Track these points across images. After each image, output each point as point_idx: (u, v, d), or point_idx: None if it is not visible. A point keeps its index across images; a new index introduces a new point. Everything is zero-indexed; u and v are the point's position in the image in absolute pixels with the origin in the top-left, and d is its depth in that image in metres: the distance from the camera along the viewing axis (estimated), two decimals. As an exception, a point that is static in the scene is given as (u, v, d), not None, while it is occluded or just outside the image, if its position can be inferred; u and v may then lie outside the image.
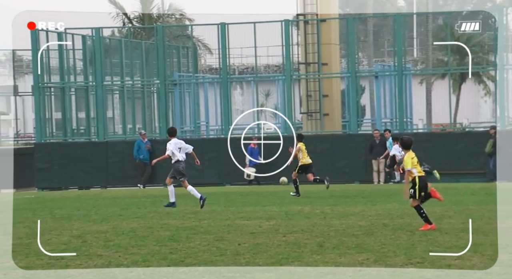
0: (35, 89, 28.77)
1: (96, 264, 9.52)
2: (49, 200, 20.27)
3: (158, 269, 9.18)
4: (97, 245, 11.02)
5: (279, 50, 28.58)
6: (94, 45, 28.77)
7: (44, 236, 12.10)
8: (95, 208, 16.81)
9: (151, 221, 13.83)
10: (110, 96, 32.02)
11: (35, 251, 10.59)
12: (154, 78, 30.89)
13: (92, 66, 29.00)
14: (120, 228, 12.91)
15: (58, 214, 15.69)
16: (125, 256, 10.01)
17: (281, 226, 12.71)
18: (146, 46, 32.21)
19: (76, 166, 27.09)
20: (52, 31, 28.52)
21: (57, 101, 30.42)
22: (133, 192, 22.95)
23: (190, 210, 15.70)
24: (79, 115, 31.71)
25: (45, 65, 29.01)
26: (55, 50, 29.01)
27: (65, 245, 11.13)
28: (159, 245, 10.93)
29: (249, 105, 36.88)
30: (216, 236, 11.71)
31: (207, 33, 32.13)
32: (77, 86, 30.31)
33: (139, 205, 17.46)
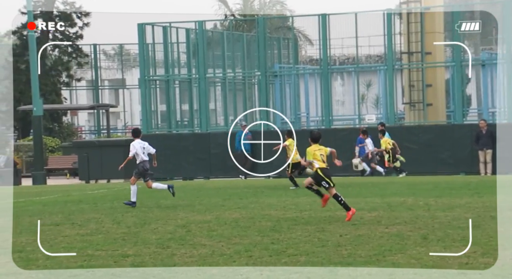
0: (142, 82, 29.61)
1: (200, 254, 9.71)
2: (155, 190, 20.81)
3: (261, 259, 9.26)
4: (201, 235, 11.23)
5: (380, 40, 28.18)
6: (197, 38, 29.29)
7: (151, 225, 12.46)
8: (198, 199, 17.14)
9: (253, 212, 13.97)
10: (212, 88, 32.55)
11: (142, 240, 10.92)
12: (255, 70, 31.13)
13: (195, 59, 29.54)
14: (222, 218, 13.11)
15: (163, 204, 16.10)
16: (228, 246, 10.16)
17: (383, 218, 12.56)
18: (247, 38, 32.49)
19: (180, 157, 27.71)
20: (158, 25, 29.26)
21: (162, 93, 31.21)
22: (234, 183, 23.25)
23: (291, 201, 15.75)
24: (183, 107, 32.42)
25: (151, 58, 29.80)
26: (160, 44, 29.75)
27: (171, 234, 11.41)
28: (261, 235, 11.02)
29: (349, 96, 36.55)
30: (317, 227, 11.70)
31: (307, 24, 32.06)
32: (180, 78, 30.97)
33: (241, 195, 17.66)
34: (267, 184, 22.50)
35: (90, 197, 18.83)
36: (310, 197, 16.35)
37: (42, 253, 9.97)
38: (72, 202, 17.20)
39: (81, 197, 18.70)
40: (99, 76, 43.43)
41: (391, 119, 26.89)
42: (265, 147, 24.99)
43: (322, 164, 12.47)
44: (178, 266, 8.98)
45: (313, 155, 12.50)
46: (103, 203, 16.68)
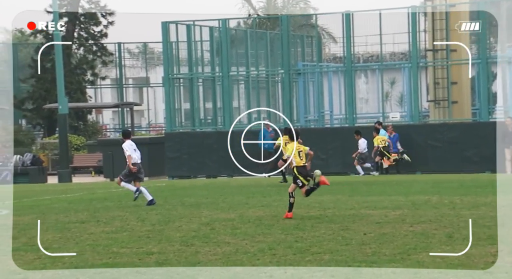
0: (165, 81, 29.73)
1: (224, 251, 9.73)
2: (179, 188, 20.92)
3: (284, 257, 9.26)
4: (225, 233, 11.26)
5: (405, 37, 28.01)
6: (221, 36, 29.33)
7: (175, 223, 12.51)
8: (222, 196, 17.17)
9: (276, 210, 13.97)
10: (235, 86, 32.58)
11: (167, 237, 10.98)
12: (279, 68, 31.11)
13: (219, 57, 29.59)
14: (246, 216, 13.13)
15: (187, 201, 16.16)
16: (252, 244, 10.18)
17: (407, 216, 12.49)
18: (271, 36, 32.47)
19: (203, 155, 27.79)
20: (182, 23, 29.35)
21: (186, 91, 31.30)
22: (258, 181, 23.26)
23: (315, 199, 15.72)
24: (206, 105, 32.48)
25: (175, 57, 29.90)
26: (184, 42, 29.84)
27: (195, 232, 11.45)
28: (284, 233, 11.02)
29: (373, 94, 36.39)
30: (341, 225, 11.67)
31: (331, 21, 31.96)
32: (204, 77, 31.04)
33: (264, 193, 17.67)
34: (291, 182, 22.44)
35: (115, 195, 18.95)
36: (333, 195, 16.31)
37: (67, 250, 10.06)
38: (97, 200, 17.33)
39: (106, 195, 18.83)
40: (124, 74, 43.66)
41: (415, 116, 26.73)
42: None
43: (300, 162, 12.68)
44: (202, 264, 9.01)
45: (290, 152, 12.72)
46: (127, 201, 16.76)
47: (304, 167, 12.72)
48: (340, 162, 26.51)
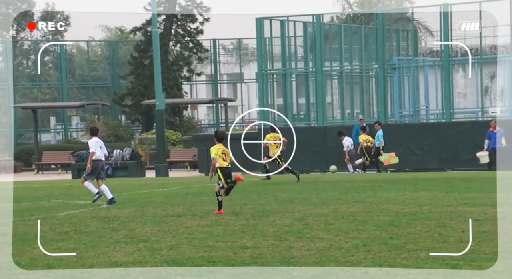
0: (259, 76, 29.94)
1: (318, 247, 9.72)
2: (272, 183, 21.02)
3: (379, 254, 9.16)
4: (318, 228, 11.24)
5: (506, 30, 27.09)
6: (315, 31, 29.26)
7: (269, 218, 12.59)
8: (315, 192, 17.14)
9: (371, 206, 13.83)
10: (329, 82, 32.44)
11: (260, 232, 11.06)
12: (373, 63, 30.76)
13: (312, 52, 29.54)
14: (340, 212, 13.06)
15: (280, 197, 16.22)
16: (346, 240, 10.12)
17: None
18: (365, 30, 32.13)
19: (296, 150, 27.79)
20: (276, 19, 29.47)
21: (279, 87, 31.43)
22: (351, 177, 23.09)
23: (410, 196, 15.47)
24: (299, 101, 32.50)
25: (268, 52, 30.06)
26: (278, 38, 29.95)
27: (288, 227, 11.48)
28: (379, 230, 10.90)
29: (472, 88, 35.41)
30: (438, 222, 11.44)
31: (428, 15, 31.32)
32: (297, 72, 31.06)
33: (358, 189, 17.52)
34: (385, 178, 22.19)
35: (210, 189, 19.20)
36: (430, 192, 16.00)
37: (165, 243, 10.30)
38: (192, 194, 17.65)
39: (201, 189, 19.15)
40: (218, 70, 44.26)
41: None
42: None
43: (223, 163, 13.16)
44: (296, 259, 9.03)
45: (216, 154, 13.14)
46: (222, 195, 16.99)
47: (227, 168, 13.22)
48: (436, 158, 25.96)
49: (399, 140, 26.68)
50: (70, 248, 10.08)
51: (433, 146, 25.87)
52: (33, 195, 18.83)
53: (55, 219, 13.33)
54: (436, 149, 25.83)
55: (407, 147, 26.67)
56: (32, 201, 17.07)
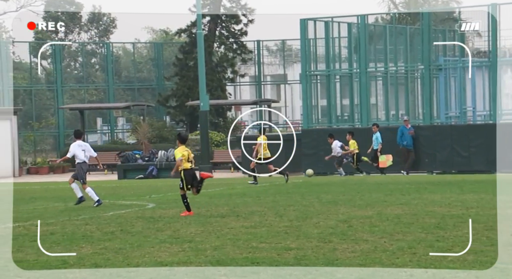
0: (303, 77, 29.90)
1: (363, 249, 9.67)
2: (315, 184, 20.98)
3: (425, 257, 9.07)
4: (363, 230, 11.18)
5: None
6: (359, 32, 29.10)
7: (312, 220, 12.57)
8: (359, 194, 17.05)
9: (416, 208, 13.70)
10: (373, 83, 32.23)
11: (304, 233, 11.05)
12: (418, 64, 30.45)
13: (357, 53, 29.38)
14: (384, 214, 12.97)
15: (324, 198, 16.17)
16: (391, 242, 10.04)
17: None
18: (410, 31, 31.83)
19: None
20: (320, 20, 29.40)
21: (323, 88, 31.33)
22: (396, 178, 22.89)
23: (456, 198, 15.28)
24: (343, 102, 32.34)
25: (312, 53, 30.00)
26: (322, 39, 29.87)
27: (332, 228, 11.45)
28: (425, 232, 10.79)
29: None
30: (485, 225, 11.27)
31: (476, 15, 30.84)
32: (341, 73, 30.93)
33: (403, 191, 17.37)
34: (431, 180, 21.96)
35: (253, 190, 19.30)
36: (477, 194, 15.77)
37: (209, 243, 10.36)
38: (236, 195, 17.72)
39: (244, 190, 19.21)
40: (262, 71, 44.33)
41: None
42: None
43: (187, 164, 13.48)
44: (340, 261, 9.00)
45: (181, 155, 13.41)
46: (265, 197, 17.03)
47: (191, 170, 13.57)
48: (484, 159, 25.59)
49: (445, 141, 26.37)
50: (116, 248, 10.22)
51: (480, 148, 25.50)
52: (80, 195, 19.08)
53: (102, 219, 13.52)
54: (483, 151, 25.46)
55: (453, 148, 26.34)
56: (79, 201, 17.32)
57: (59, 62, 41.64)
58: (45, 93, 45.52)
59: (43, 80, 49.03)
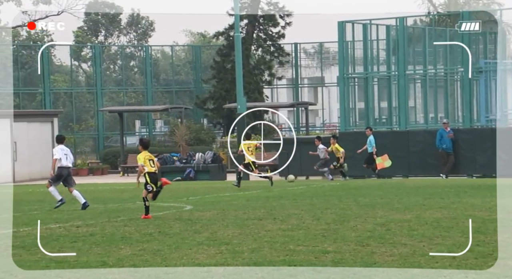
0: (340, 80, 29.78)
1: (401, 253, 9.59)
2: (353, 187, 20.88)
3: (465, 261, 8.96)
4: (401, 234, 11.09)
5: None
6: (398, 34, 28.90)
7: (350, 223, 12.50)
8: (397, 197, 16.92)
9: (455, 212, 13.55)
10: (412, 85, 31.96)
11: (342, 236, 11.00)
12: (458, 66, 30.12)
13: (395, 56, 29.17)
14: (423, 218, 12.85)
15: (362, 201, 16.09)
16: (430, 246, 9.94)
17: None
18: (450, 33, 31.49)
19: (378, 154, 27.49)
20: (358, 23, 29.28)
21: (360, 91, 31.17)
22: (435, 182, 22.66)
23: (498, 202, 15.06)
24: (381, 105, 32.13)
25: (350, 56, 29.87)
26: (360, 41, 29.73)
27: (370, 232, 11.38)
28: (464, 236, 10.65)
29: None
30: (526, 230, 11.10)
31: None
32: (379, 76, 30.74)
33: (442, 195, 17.19)
34: (471, 183, 21.69)
35: (290, 193, 19.28)
36: (517, 199, 15.52)
37: (246, 246, 10.38)
38: (273, 198, 17.72)
39: (281, 193, 19.20)
40: (299, 74, 44.27)
41: None
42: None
43: (151, 168, 13.85)
44: (378, 265, 8.94)
45: (143, 161, 13.77)
46: (302, 199, 17.01)
47: (155, 174, 13.93)
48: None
49: (486, 145, 26.01)
50: (154, 249, 10.30)
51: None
52: (119, 197, 19.33)
53: (140, 220, 13.64)
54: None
55: (493, 152, 25.98)
56: (118, 203, 17.52)
57: (99, 65, 42.13)
58: (85, 96, 46.11)
59: (83, 83, 49.68)
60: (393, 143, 27.28)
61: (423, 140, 26.99)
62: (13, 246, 10.74)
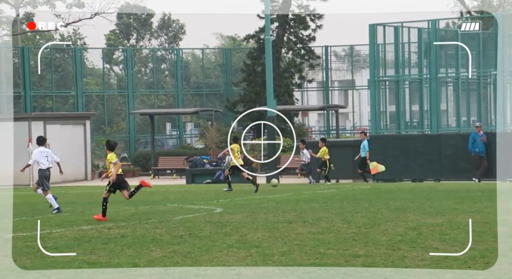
0: (371, 83, 29.65)
1: (433, 257, 9.52)
2: (384, 191, 20.75)
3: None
4: (433, 238, 11.00)
5: None
6: (430, 37, 28.69)
7: (381, 227, 12.43)
8: (429, 201, 16.79)
9: (488, 217, 13.40)
10: (444, 88, 31.69)
11: (372, 240, 10.94)
12: (491, 69, 29.79)
13: (427, 59, 28.96)
14: (455, 222, 12.73)
15: (393, 205, 15.99)
16: (462, 251, 9.85)
17: None
18: (483, 36, 31.16)
19: (409, 158, 27.30)
20: (390, 25, 29.13)
21: (391, 94, 30.98)
22: (467, 186, 22.43)
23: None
24: (413, 108, 31.88)
25: (381, 59, 29.72)
26: (391, 44, 29.57)
27: (401, 236, 11.30)
28: (497, 241, 10.54)
29: None
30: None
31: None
32: (411, 79, 30.53)
33: (475, 199, 17.01)
34: (504, 188, 21.44)
35: (320, 196, 19.24)
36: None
37: (276, 249, 10.37)
38: (303, 201, 17.69)
39: (311, 196, 19.16)
40: (330, 77, 44.16)
41: None
42: None
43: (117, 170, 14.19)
44: (410, 269, 8.88)
45: (115, 164, 14.14)
46: (333, 203, 16.96)
47: (120, 176, 14.30)
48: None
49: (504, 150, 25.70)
50: (185, 252, 10.35)
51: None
52: (150, 199, 19.44)
53: (171, 222, 13.71)
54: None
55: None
56: (149, 205, 17.63)
57: (131, 68, 42.46)
58: (117, 98, 46.49)
59: (115, 86, 50.10)
60: (424, 147, 27.07)
61: (455, 143, 26.72)
62: (47, 247, 10.87)
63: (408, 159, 27.31)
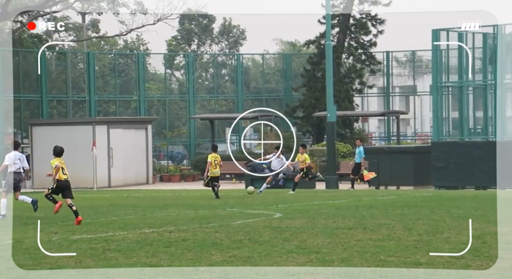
0: (434, 89, 29.22)
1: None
2: (446, 198, 20.41)
3: None
4: (498, 247, 10.75)
5: None
6: (495, 42, 28.11)
7: (443, 234, 12.23)
8: (493, 209, 16.41)
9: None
10: (509, 95, 30.98)
11: (435, 248, 10.76)
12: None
13: (492, 65, 28.38)
14: (520, 232, 12.42)
15: (455, 213, 15.71)
16: (527, 261, 9.61)
17: None
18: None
19: (473, 165, 26.79)
20: (453, 31, 28.66)
21: (454, 100, 30.45)
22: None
23: None
24: (476, 114, 31.26)
25: (444, 64, 29.26)
26: (455, 50, 29.08)
27: (464, 244, 11.08)
28: None
29: None
30: None
31: None
32: (475, 85, 29.96)
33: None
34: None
35: (381, 202, 19.04)
36: None
37: (336, 255, 10.29)
38: (363, 207, 17.54)
39: (371, 203, 18.98)
40: (391, 83, 43.70)
41: None
42: None
43: (62, 176, 14.48)
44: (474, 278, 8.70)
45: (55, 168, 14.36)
46: (393, 210, 16.76)
47: (66, 182, 14.54)
48: None
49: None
50: (245, 256, 10.38)
51: None
52: (210, 204, 19.58)
53: (231, 227, 13.77)
54: None
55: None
56: (209, 209, 17.75)
57: (192, 73, 42.90)
58: (178, 103, 47.02)
59: (176, 91, 50.70)
60: (488, 154, 26.51)
61: (520, 151, 26.08)
62: (110, 249, 11.06)
63: (471, 166, 26.80)
